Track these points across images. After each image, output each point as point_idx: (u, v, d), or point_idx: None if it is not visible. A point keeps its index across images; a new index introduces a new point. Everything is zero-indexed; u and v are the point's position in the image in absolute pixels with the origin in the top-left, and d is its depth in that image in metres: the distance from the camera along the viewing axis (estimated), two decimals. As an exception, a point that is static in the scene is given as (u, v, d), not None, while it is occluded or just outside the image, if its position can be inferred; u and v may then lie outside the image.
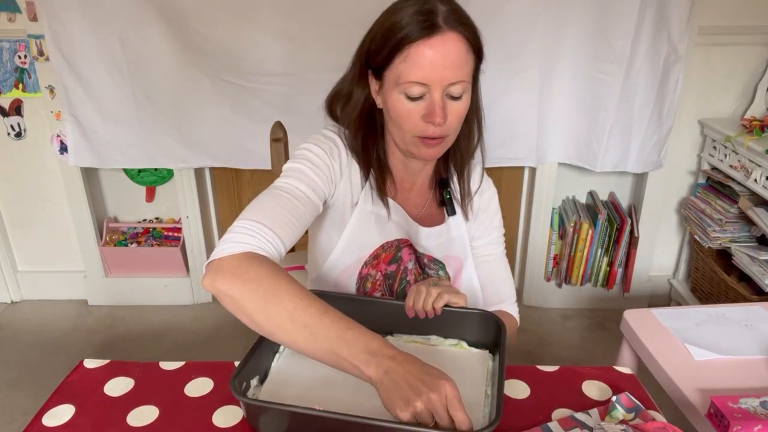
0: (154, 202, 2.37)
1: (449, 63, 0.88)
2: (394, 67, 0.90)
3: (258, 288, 0.75)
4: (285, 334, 0.75)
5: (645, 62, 1.93)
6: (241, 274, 0.77)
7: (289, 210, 0.87)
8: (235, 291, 0.76)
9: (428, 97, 0.90)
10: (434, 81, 0.88)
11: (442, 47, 0.87)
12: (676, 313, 1.27)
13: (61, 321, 2.33)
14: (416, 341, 0.95)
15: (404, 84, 0.89)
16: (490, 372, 0.89)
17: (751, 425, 0.87)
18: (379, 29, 0.92)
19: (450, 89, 0.90)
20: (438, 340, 0.95)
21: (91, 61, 1.95)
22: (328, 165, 0.97)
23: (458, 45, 0.88)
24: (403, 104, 0.91)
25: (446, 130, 0.93)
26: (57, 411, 0.82)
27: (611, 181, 2.33)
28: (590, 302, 2.39)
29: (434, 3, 0.88)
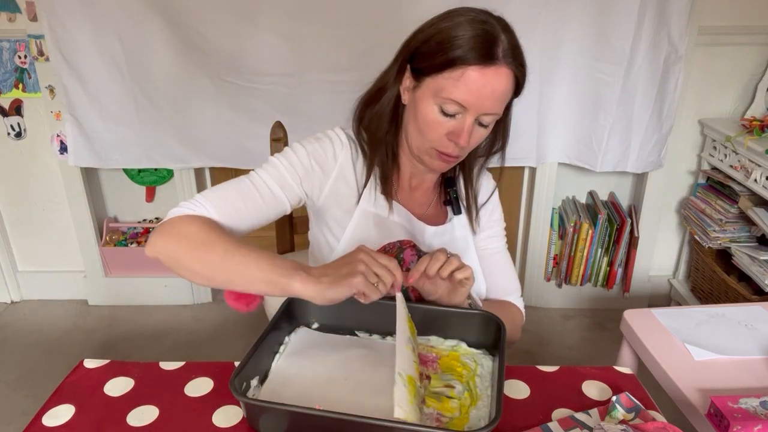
0: (154, 202, 2.37)
1: (495, 96, 0.90)
2: (439, 78, 0.90)
3: (191, 241, 0.84)
4: (222, 274, 0.83)
5: (645, 62, 1.93)
6: (175, 233, 0.86)
7: (242, 197, 0.93)
8: (171, 248, 0.85)
9: (460, 118, 0.91)
10: (473, 107, 0.89)
11: (494, 79, 0.88)
12: (676, 313, 1.27)
13: (61, 321, 2.33)
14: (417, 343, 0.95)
15: (444, 99, 0.90)
16: (490, 372, 0.88)
17: (751, 425, 0.87)
18: (434, 35, 0.91)
19: (482, 117, 0.92)
20: (438, 341, 0.95)
21: (91, 61, 1.95)
22: (307, 166, 0.98)
23: (508, 81, 0.90)
24: (435, 115, 0.92)
25: (464, 151, 0.96)
26: (57, 411, 0.82)
27: (611, 181, 2.33)
28: (590, 302, 2.39)
29: (497, 29, 0.89)
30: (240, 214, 0.92)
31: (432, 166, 0.99)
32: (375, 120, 1.01)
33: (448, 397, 0.82)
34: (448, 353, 0.93)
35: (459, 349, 0.94)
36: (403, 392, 0.73)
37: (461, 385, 0.85)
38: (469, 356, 0.92)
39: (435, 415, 0.79)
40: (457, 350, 0.93)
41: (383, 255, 0.82)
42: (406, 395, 0.73)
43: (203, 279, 0.85)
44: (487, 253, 1.13)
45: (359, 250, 0.81)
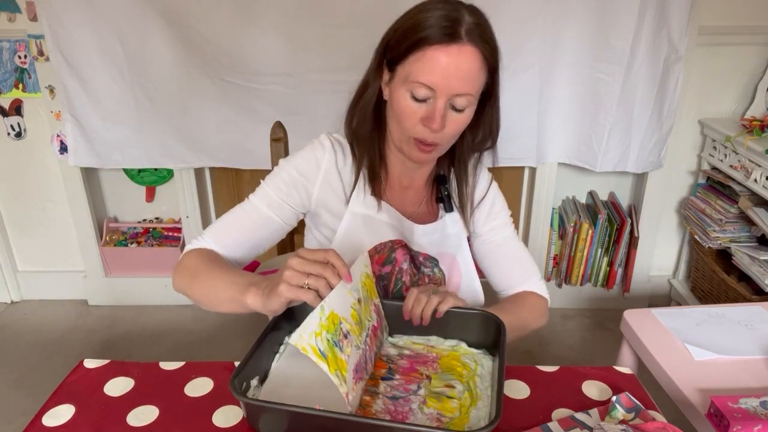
0: (154, 202, 2.37)
1: (460, 74, 0.89)
2: (407, 64, 0.91)
3: (187, 274, 0.96)
4: (208, 299, 0.92)
5: (645, 62, 1.93)
6: (181, 269, 0.98)
7: (237, 226, 1.01)
8: (178, 281, 0.97)
9: (432, 102, 0.91)
10: (441, 88, 0.89)
11: (458, 58, 0.88)
12: (676, 313, 1.27)
13: (61, 321, 2.33)
14: (417, 342, 0.95)
15: (412, 83, 0.90)
16: (490, 372, 0.88)
17: (751, 425, 0.87)
18: (403, 24, 0.92)
19: (455, 100, 0.90)
20: (438, 341, 0.95)
21: (91, 61, 1.95)
22: (293, 180, 1.01)
23: (473, 60, 0.89)
24: (407, 102, 0.92)
25: (441, 138, 0.94)
26: (57, 411, 0.82)
27: (611, 181, 2.33)
28: (590, 302, 2.39)
29: (462, 12, 0.88)
30: (238, 243, 1.00)
31: (412, 156, 0.98)
32: (359, 119, 1.01)
33: (449, 397, 0.82)
34: (449, 353, 0.92)
35: (459, 349, 0.93)
36: (313, 323, 0.72)
37: (461, 385, 0.84)
38: (469, 356, 0.91)
39: (435, 415, 0.79)
40: (457, 350, 0.93)
41: (318, 250, 0.80)
42: (315, 327, 0.72)
43: (204, 305, 0.94)
44: (494, 244, 1.13)
45: (290, 256, 0.79)
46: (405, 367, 0.89)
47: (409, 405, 0.81)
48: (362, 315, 0.84)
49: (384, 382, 0.86)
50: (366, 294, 0.87)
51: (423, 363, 0.90)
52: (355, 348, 0.80)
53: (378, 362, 0.90)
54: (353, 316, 0.81)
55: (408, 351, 0.93)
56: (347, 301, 0.80)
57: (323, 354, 0.72)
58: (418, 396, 0.83)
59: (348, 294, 0.81)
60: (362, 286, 0.86)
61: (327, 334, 0.74)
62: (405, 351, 0.93)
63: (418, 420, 0.78)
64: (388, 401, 0.82)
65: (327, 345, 0.74)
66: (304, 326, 0.71)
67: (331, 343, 0.74)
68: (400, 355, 0.92)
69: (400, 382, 0.86)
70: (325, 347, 0.73)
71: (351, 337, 0.79)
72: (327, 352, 0.73)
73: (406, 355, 0.92)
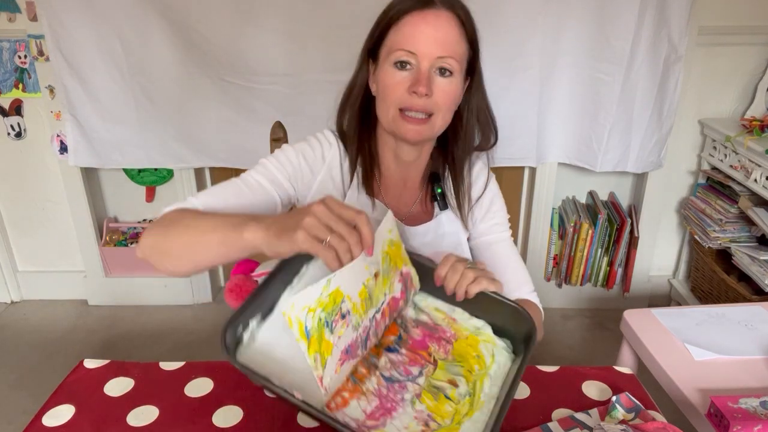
0: (154, 202, 2.37)
1: (440, 36, 0.90)
2: (387, 41, 0.93)
3: (162, 225, 0.84)
4: (186, 248, 0.81)
5: (645, 62, 1.93)
6: (153, 224, 0.86)
7: (232, 192, 0.94)
8: (148, 240, 0.85)
9: (416, 68, 0.92)
10: (422, 51, 0.90)
11: (435, 21, 0.90)
12: (676, 313, 1.27)
13: (61, 321, 2.33)
14: (440, 310, 0.88)
15: (394, 53, 0.92)
16: (503, 376, 0.81)
17: (751, 425, 0.87)
18: (380, 14, 0.95)
19: (438, 63, 0.91)
20: (462, 316, 0.86)
21: (91, 61, 1.95)
22: (296, 165, 1.00)
23: (450, 23, 0.91)
24: (392, 75, 0.93)
25: (431, 105, 0.93)
26: (57, 411, 0.82)
27: (611, 181, 2.33)
28: (590, 302, 2.39)
29: None
30: (228, 209, 0.90)
31: (405, 134, 0.95)
32: (349, 117, 1.02)
33: (447, 398, 0.78)
34: (468, 336, 0.85)
35: (481, 333, 0.85)
36: (311, 296, 0.67)
37: (465, 387, 0.79)
38: (488, 345, 0.84)
39: (424, 417, 0.75)
40: (479, 334, 0.85)
41: (349, 207, 0.70)
42: (312, 302, 0.67)
43: (177, 259, 0.83)
44: (487, 242, 1.10)
45: (318, 201, 0.69)
46: (416, 339, 0.84)
47: (402, 395, 0.77)
48: (375, 291, 0.77)
49: (387, 355, 0.81)
50: (389, 265, 0.79)
51: (437, 340, 0.84)
52: (353, 328, 0.74)
53: (392, 325, 0.84)
54: (362, 293, 0.74)
55: (426, 318, 0.86)
56: (360, 277, 0.74)
57: (308, 333, 0.67)
58: (415, 385, 0.78)
59: (364, 269, 0.73)
60: (384, 257, 0.78)
61: (322, 313, 0.69)
62: (423, 317, 0.86)
63: (405, 416, 0.74)
64: (382, 382, 0.78)
65: (317, 324, 0.69)
66: (301, 296, 0.66)
67: (323, 323, 0.69)
68: (417, 322, 0.86)
69: (403, 360, 0.81)
70: (313, 326, 0.68)
71: (350, 317, 0.74)
72: (313, 331, 0.68)
73: (423, 322, 0.86)
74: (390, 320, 0.83)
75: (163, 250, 0.83)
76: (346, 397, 0.75)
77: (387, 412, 0.75)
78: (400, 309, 0.84)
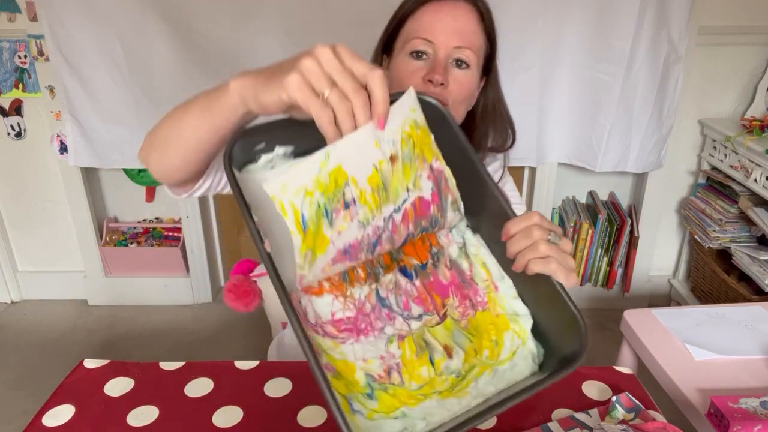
0: (154, 202, 2.37)
1: (458, 26, 0.88)
2: (403, 31, 0.91)
3: (157, 124, 0.72)
4: (172, 130, 0.68)
5: (645, 62, 1.93)
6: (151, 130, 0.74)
7: None
8: (144, 142, 0.73)
9: (432, 57, 0.89)
10: (439, 40, 0.88)
11: (453, 10, 0.88)
12: (676, 313, 1.27)
13: (61, 321, 2.33)
14: (486, 267, 0.68)
15: (411, 41, 0.89)
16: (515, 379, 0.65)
17: (751, 425, 0.87)
18: (396, 9, 0.94)
19: (456, 53, 0.89)
20: (507, 291, 0.67)
21: (91, 61, 1.95)
22: None
23: (469, 14, 0.89)
24: (407, 64, 0.90)
25: (445, 96, 0.89)
26: (57, 411, 0.82)
27: (611, 181, 2.33)
28: (590, 302, 2.39)
29: None
30: None
31: None
32: None
33: (431, 362, 0.62)
34: (499, 315, 0.66)
35: (517, 322, 0.66)
36: (306, 173, 0.53)
37: (459, 364, 0.62)
38: (516, 340, 0.65)
39: (391, 364, 0.60)
40: (514, 322, 0.66)
41: (362, 60, 0.54)
42: (308, 182, 0.53)
43: (162, 151, 0.71)
44: None
45: (325, 44, 0.55)
46: (439, 281, 0.67)
47: (384, 325, 0.62)
48: (392, 181, 0.59)
49: (397, 274, 0.65)
50: (412, 151, 0.60)
51: (462, 296, 0.67)
52: (359, 225, 0.58)
53: (423, 248, 0.66)
54: (373, 179, 0.57)
55: (466, 266, 0.68)
56: (370, 157, 0.56)
57: (304, 225, 0.54)
58: (405, 324, 0.63)
59: (374, 146, 0.56)
60: (405, 139, 0.59)
61: (321, 197, 0.55)
62: (464, 263, 0.68)
63: (371, 349, 0.61)
64: (373, 299, 0.63)
65: (314, 213, 0.55)
66: (294, 174, 0.53)
67: (322, 211, 0.55)
68: (453, 263, 0.68)
69: (411, 292, 0.65)
70: (311, 216, 0.54)
71: (357, 208, 0.57)
72: (311, 223, 0.55)
73: (459, 268, 0.68)
74: (417, 230, 0.63)
75: (152, 145, 0.72)
76: (325, 287, 0.62)
77: (355, 332, 0.61)
78: (432, 219, 0.64)
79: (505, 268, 0.67)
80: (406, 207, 0.61)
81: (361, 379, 0.59)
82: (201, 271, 2.37)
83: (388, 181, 0.59)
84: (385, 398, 0.59)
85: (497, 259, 0.68)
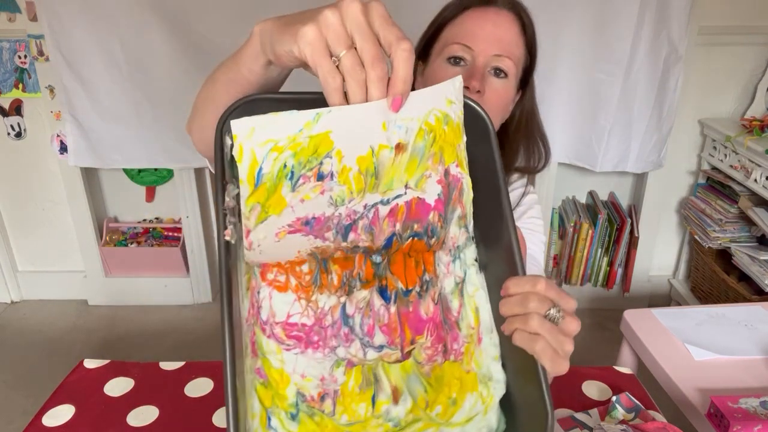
0: (154, 202, 2.37)
1: (499, 34, 0.86)
2: (442, 37, 0.89)
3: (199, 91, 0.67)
4: (207, 91, 0.64)
5: (645, 62, 1.93)
6: None
7: None
8: (191, 110, 0.69)
9: (470, 64, 0.86)
10: (479, 47, 0.85)
11: (495, 17, 0.86)
12: (676, 313, 1.27)
13: (61, 321, 2.33)
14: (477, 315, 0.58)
15: (449, 46, 0.87)
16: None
17: (751, 425, 0.87)
18: (436, 14, 0.92)
19: (495, 62, 0.86)
20: (491, 350, 0.57)
21: (91, 61, 1.95)
22: None
23: (511, 23, 0.87)
24: (443, 70, 0.87)
25: (482, 103, 0.86)
26: (57, 411, 0.82)
27: (611, 181, 2.33)
28: (590, 302, 2.39)
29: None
30: None
31: None
32: None
33: (372, 401, 0.54)
34: (469, 373, 0.57)
35: (487, 388, 0.57)
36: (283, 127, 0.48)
37: (403, 413, 0.54)
38: (478, 406, 0.56)
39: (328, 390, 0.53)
40: (484, 386, 0.57)
41: (393, 25, 0.47)
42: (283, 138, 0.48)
43: (200, 114, 0.67)
44: None
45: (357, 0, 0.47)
46: (419, 315, 0.57)
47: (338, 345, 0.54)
48: (389, 170, 0.51)
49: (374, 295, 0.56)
50: (428, 148, 0.52)
51: (437, 339, 0.57)
52: (330, 202, 0.51)
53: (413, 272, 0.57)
54: (364, 161, 0.50)
55: (456, 307, 0.58)
56: (369, 136, 0.49)
57: (258, 179, 0.49)
58: (360, 353, 0.55)
59: (381, 127, 0.49)
60: (423, 131, 0.51)
61: (291, 159, 0.49)
62: (454, 303, 0.58)
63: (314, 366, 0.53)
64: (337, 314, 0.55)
65: (277, 171, 0.49)
66: (268, 122, 0.47)
67: (287, 172, 0.49)
68: (443, 299, 0.58)
69: (381, 318, 0.56)
70: (270, 173, 0.49)
71: (333, 185, 0.50)
72: (267, 180, 0.49)
73: (448, 307, 0.58)
74: (406, 233, 0.55)
75: (193, 113, 0.68)
76: (291, 285, 0.55)
77: (304, 342, 0.54)
78: (429, 227, 0.55)
79: (499, 321, 0.56)
80: (397, 203, 0.53)
81: (291, 396, 0.52)
82: (201, 271, 2.37)
83: (383, 169, 0.51)
84: (308, 424, 0.52)
85: (493, 307, 0.58)
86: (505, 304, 0.54)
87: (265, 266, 0.54)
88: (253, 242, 0.51)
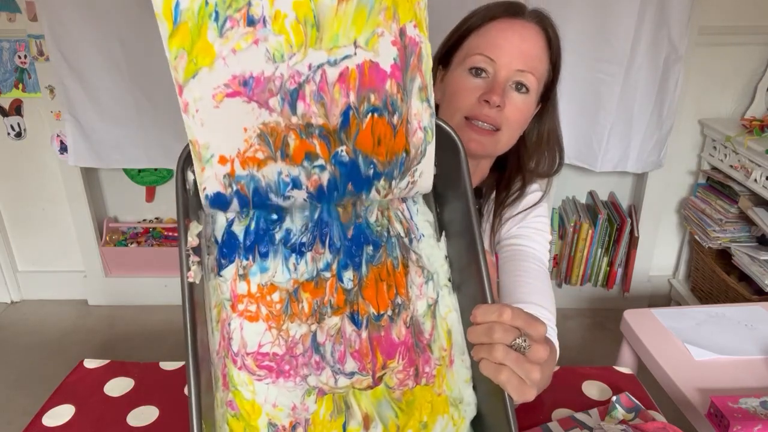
0: (154, 202, 2.37)
1: (524, 49, 0.84)
2: (464, 45, 0.87)
3: None
4: None
5: (645, 62, 1.93)
6: None
7: None
8: None
9: (492, 77, 0.84)
10: (502, 60, 0.83)
11: (522, 30, 0.85)
12: (676, 313, 1.27)
13: (61, 321, 2.33)
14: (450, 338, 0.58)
15: (472, 56, 0.85)
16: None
17: (751, 425, 0.87)
18: (460, 21, 0.90)
19: (517, 76, 0.84)
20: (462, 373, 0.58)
21: (91, 61, 1.95)
22: None
23: (536, 37, 0.86)
24: (464, 79, 0.85)
25: (501, 119, 0.84)
26: (57, 411, 0.82)
27: (611, 181, 2.33)
28: (590, 302, 2.39)
29: (525, 3, 0.88)
30: None
31: (467, 143, 0.79)
32: None
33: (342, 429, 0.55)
34: (440, 397, 0.57)
35: (457, 411, 0.57)
36: None
37: (380, 427, 0.55)
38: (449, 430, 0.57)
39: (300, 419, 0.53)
40: (454, 409, 0.57)
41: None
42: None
43: None
44: (509, 252, 0.93)
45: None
46: (391, 338, 0.56)
47: (309, 374, 0.54)
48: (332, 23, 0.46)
49: (345, 322, 0.55)
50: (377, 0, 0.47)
51: (408, 362, 0.57)
52: (267, 56, 0.46)
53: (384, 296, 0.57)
54: (301, 6, 0.45)
55: (429, 328, 0.58)
56: None
57: (176, 15, 0.44)
58: (328, 381, 0.55)
59: None
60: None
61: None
62: (426, 325, 0.58)
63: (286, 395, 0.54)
64: (308, 342, 0.55)
65: (197, 8, 0.45)
66: None
67: (208, 13, 0.44)
68: (412, 324, 0.57)
69: (352, 345, 0.55)
70: (190, 10, 0.45)
71: (266, 33, 0.46)
72: (187, 16, 0.45)
73: (420, 330, 0.58)
74: (363, 106, 0.49)
75: None
76: (262, 314, 0.54)
77: (275, 372, 0.54)
78: (388, 99, 0.49)
79: (471, 344, 0.54)
80: (347, 65, 0.46)
81: (262, 427, 0.52)
82: (201, 271, 2.37)
83: (325, 19, 0.45)
84: None
85: (464, 331, 0.57)
86: (472, 333, 0.53)
87: (236, 297, 0.54)
88: (189, 103, 0.47)
